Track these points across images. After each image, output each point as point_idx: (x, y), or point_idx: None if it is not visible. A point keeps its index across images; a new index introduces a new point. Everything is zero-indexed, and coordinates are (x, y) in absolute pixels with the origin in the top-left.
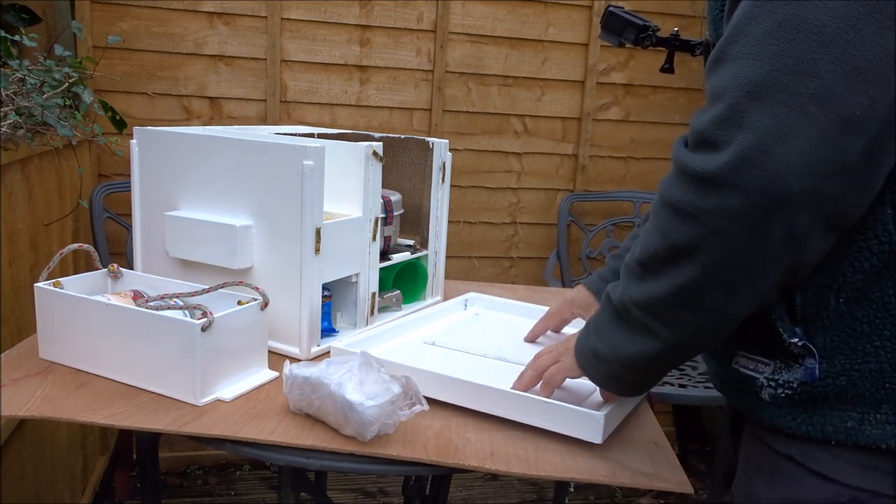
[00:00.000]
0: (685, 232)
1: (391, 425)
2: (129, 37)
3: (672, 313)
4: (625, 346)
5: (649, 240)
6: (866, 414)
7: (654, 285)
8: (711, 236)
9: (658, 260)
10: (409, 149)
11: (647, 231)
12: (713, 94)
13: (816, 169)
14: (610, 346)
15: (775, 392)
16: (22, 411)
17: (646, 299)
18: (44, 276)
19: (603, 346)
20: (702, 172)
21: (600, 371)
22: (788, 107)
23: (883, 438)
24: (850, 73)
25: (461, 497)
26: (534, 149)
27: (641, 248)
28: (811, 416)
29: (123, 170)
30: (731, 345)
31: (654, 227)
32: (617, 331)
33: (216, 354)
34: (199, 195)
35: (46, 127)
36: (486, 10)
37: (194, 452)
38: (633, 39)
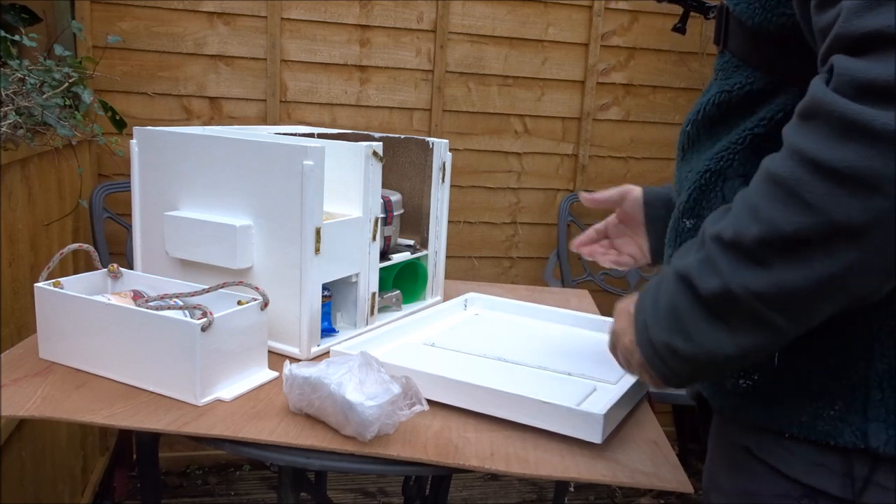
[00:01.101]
0: (856, 206)
1: (391, 425)
2: (129, 37)
3: (810, 306)
4: (724, 347)
5: (780, 213)
6: (820, 409)
7: (790, 274)
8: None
9: (799, 241)
10: (409, 149)
11: (764, 200)
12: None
13: None
14: (699, 346)
15: (736, 381)
16: (22, 411)
17: (774, 292)
18: (44, 276)
19: (688, 346)
20: (888, 129)
21: (681, 372)
22: None
23: (833, 435)
24: None
25: (461, 497)
26: (534, 149)
27: (764, 224)
28: (768, 408)
29: (123, 170)
30: None
31: (789, 195)
32: (709, 329)
33: (216, 354)
34: (199, 195)
35: (46, 127)
36: (486, 10)
37: (194, 452)
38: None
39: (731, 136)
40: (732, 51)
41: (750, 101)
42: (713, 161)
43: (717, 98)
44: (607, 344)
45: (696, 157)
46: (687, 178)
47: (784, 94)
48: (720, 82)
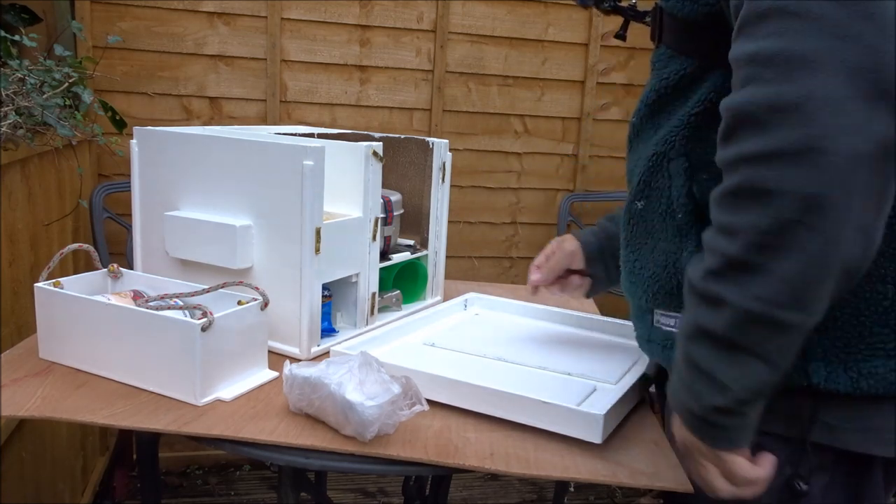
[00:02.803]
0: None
1: (391, 425)
2: (129, 37)
3: (816, 289)
4: (763, 374)
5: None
6: None
7: (787, 265)
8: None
9: (781, 229)
10: (409, 149)
11: (728, 219)
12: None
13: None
14: (737, 387)
15: None
16: (22, 411)
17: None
18: (44, 276)
19: (721, 397)
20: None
21: (734, 426)
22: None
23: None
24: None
25: (461, 497)
26: (534, 149)
27: (740, 234)
28: None
29: (123, 170)
30: (649, 305)
31: (749, 199)
32: (734, 366)
33: (216, 354)
34: (199, 195)
35: (46, 127)
36: (486, 10)
37: (194, 452)
38: (593, 1)
39: (672, 122)
40: (667, 43)
41: (685, 86)
42: (659, 145)
43: (657, 86)
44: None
45: (643, 145)
46: (637, 164)
47: (713, 76)
48: (657, 72)
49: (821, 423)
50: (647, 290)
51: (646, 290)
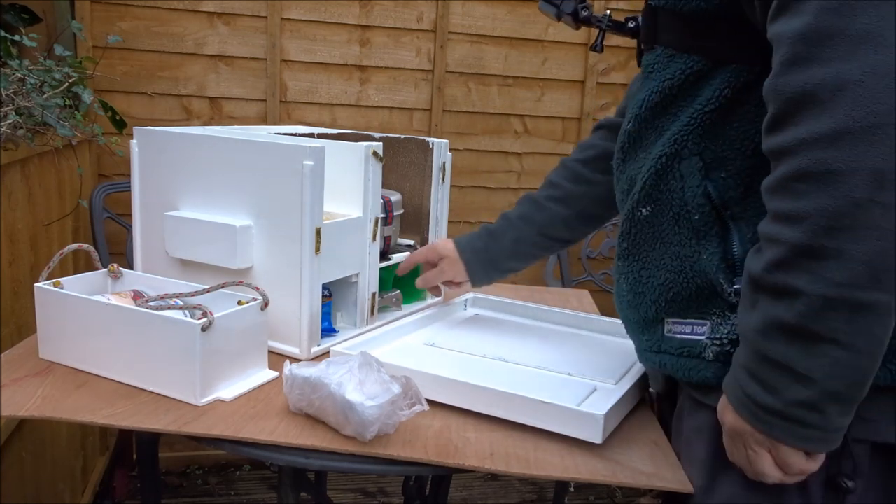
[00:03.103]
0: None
1: (391, 425)
2: (129, 37)
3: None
4: (852, 362)
5: (813, 201)
6: None
7: (862, 246)
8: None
9: (851, 210)
10: (409, 149)
11: (788, 206)
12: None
13: None
14: (823, 377)
15: (721, 349)
16: (22, 411)
17: (859, 272)
18: (44, 276)
19: (811, 388)
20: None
21: (824, 420)
22: None
23: None
24: None
25: (461, 497)
26: (534, 149)
27: (806, 220)
28: None
29: (123, 170)
30: (659, 314)
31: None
32: (816, 357)
33: (216, 354)
34: (199, 195)
35: (46, 127)
36: (486, 10)
37: (194, 452)
38: (571, 10)
39: (680, 121)
40: (665, 43)
41: (692, 85)
42: (667, 146)
43: (660, 87)
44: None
45: (643, 151)
46: (639, 170)
47: (724, 72)
48: (659, 74)
49: (859, 419)
50: (657, 299)
51: (656, 300)
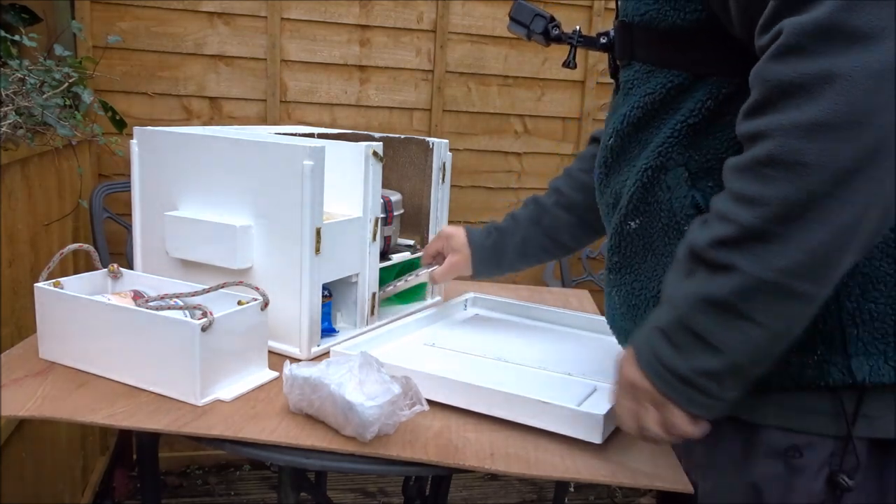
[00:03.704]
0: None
1: (391, 425)
2: (129, 37)
3: (834, 260)
4: (750, 344)
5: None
6: (805, 357)
7: (811, 235)
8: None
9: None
10: (409, 149)
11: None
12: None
13: None
14: (732, 353)
15: None
16: (22, 411)
17: (800, 259)
18: (44, 276)
19: (719, 359)
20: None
21: (721, 390)
22: None
23: (821, 377)
24: None
25: (461, 497)
26: (534, 149)
27: (765, 205)
28: None
29: (123, 170)
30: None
31: (781, 171)
32: (733, 332)
33: (216, 354)
34: (199, 195)
35: (46, 127)
36: (486, 10)
37: (194, 452)
38: (541, 30)
39: (664, 133)
40: (643, 59)
41: (673, 98)
42: (652, 158)
43: (641, 102)
44: (622, 420)
45: (627, 165)
46: (623, 184)
47: (706, 84)
48: (639, 89)
49: (861, 416)
50: (653, 310)
51: (652, 311)
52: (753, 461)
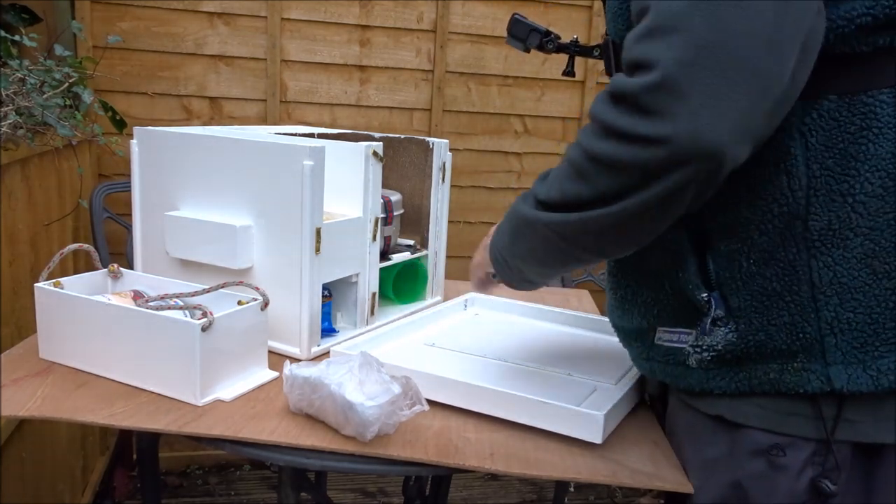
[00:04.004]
0: (613, 183)
1: (391, 425)
2: (129, 37)
3: (580, 236)
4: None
5: (570, 186)
6: (785, 364)
7: (569, 216)
8: (638, 189)
9: (579, 202)
10: (409, 149)
11: (564, 178)
12: (639, 63)
13: (743, 131)
14: (514, 255)
15: (701, 356)
16: (22, 411)
17: (558, 223)
18: (44, 276)
19: (509, 253)
20: (635, 134)
21: (506, 272)
22: (717, 74)
23: (800, 384)
24: (765, 42)
25: (461, 497)
26: (534, 149)
27: (560, 192)
28: (737, 373)
29: (123, 170)
30: (651, 324)
31: (576, 176)
32: (519, 242)
33: (216, 354)
34: (199, 195)
35: (46, 127)
36: (486, 10)
37: (194, 452)
38: (537, 44)
39: None
40: None
41: None
42: None
43: None
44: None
45: None
46: None
47: None
48: None
49: (843, 420)
50: (646, 313)
51: (645, 315)
52: (738, 459)
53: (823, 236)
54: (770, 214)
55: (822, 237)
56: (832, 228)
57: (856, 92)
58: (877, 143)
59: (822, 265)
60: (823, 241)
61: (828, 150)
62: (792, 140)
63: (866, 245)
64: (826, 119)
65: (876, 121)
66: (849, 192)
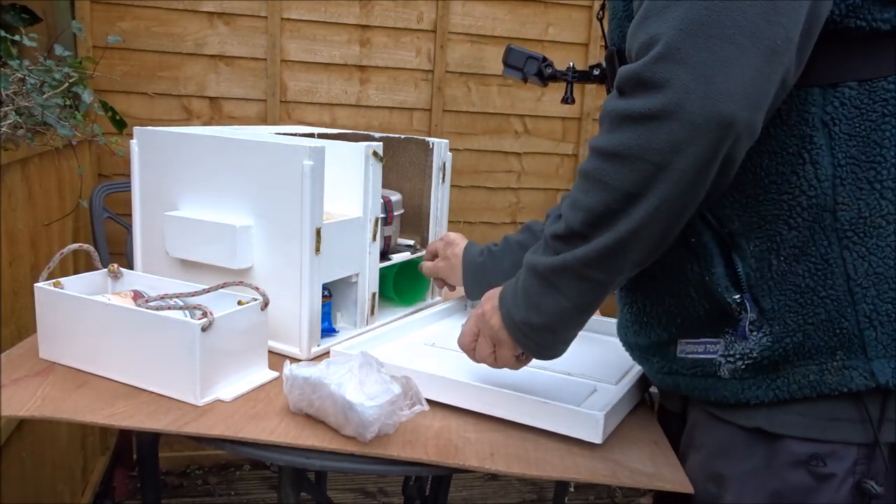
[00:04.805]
0: (634, 175)
1: (391, 425)
2: (129, 37)
3: (620, 259)
4: (559, 311)
5: (591, 199)
6: (824, 364)
7: (604, 239)
8: (663, 172)
9: (607, 213)
10: (409, 149)
11: (581, 196)
12: (644, 46)
13: (752, 97)
14: (545, 315)
15: (735, 366)
16: (22, 411)
17: (594, 255)
18: (44, 276)
19: (538, 317)
20: (646, 111)
21: (540, 341)
22: (721, 39)
23: (843, 383)
24: (767, 6)
25: (461, 497)
26: (534, 149)
27: (583, 212)
28: (774, 380)
29: (123, 170)
30: (672, 336)
31: (594, 184)
32: (549, 299)
33: (216, 354)
34: (199, 195)
35: (46, 127)
36: (486, 10)
37: (194, 452)
38: (535, 72)
39: None
40: None
41: None
42: None
43: None
44: (460, 337)
45: None
46: None
47: None
48: None
49: (887, 420)
50: (668, 324)
51: (666, 326)
52: (776, 471)
53: (855, 226)
54: (798, 208)
55: (854, 227)
56: (862, 217)
57: (876, 78)
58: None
59: (855, 256)
60: (855, 231)
61: (851, 138)
62: (815, 130)
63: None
64: (848, 107)
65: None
66: (876, 178)
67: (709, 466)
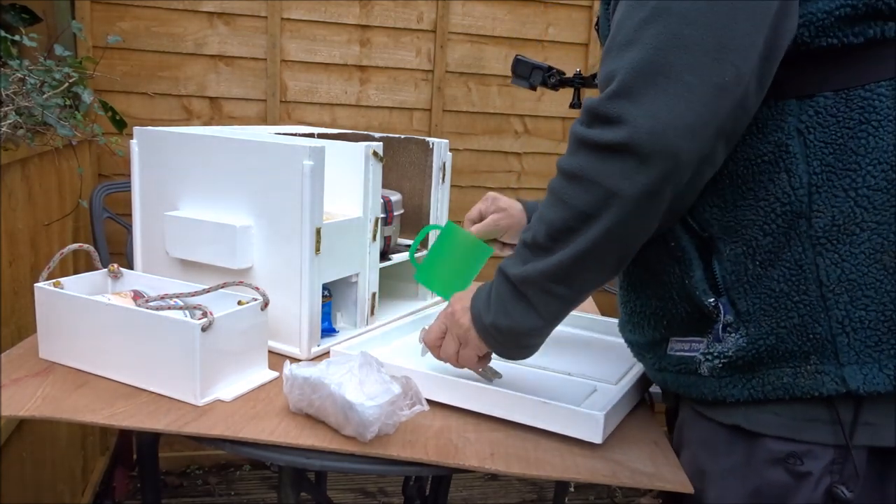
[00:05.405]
0: (589, 197)
1: (391, 425)
2: (129, 37)
3: (578, 276)
4: (527, 320)
5: (553, 214)
6: (798, 367)
7: (562, 254)
8: (613, 198)
9: (565, 229)
10: (409, 149)
11: (546, 210)
12: (605, 80)
13: (699, 131)
14: (513, 321)
15: (713, 364)
16: (22, 411)
17: (554, 268)
18: (44, 276)
19: (506, 321)
20: (601, 142)
21: (506, 344)
22: (669, 78)
23: (815, 387)
24: (717, 45)
25: (461, 497)
26: (534, 149)
27: (546, 225)
28: (750, 380)
29: (123, 170)
30: (663, 335)
31: (556, 201)
32: (518, 306)
33: (216, 354)
34: (199, 195)
35: (46, 127)
36: (486, 10)
37: (194, 452)
38: (541, 80)
39: None
40: None
41: None
42: None
43: None
44: (426, 333)
45: None
46: None
47: None
48: None
49: (861, 424)
50: (657, 323)
51: (656, 326)
52: (755, 469)
53: (828, 233)
54: (773, 214)
55: (827, 234)
56: (836, 224)
57: (852, 87)
58: (877, 137)
59: (828, 262)
60: (829, 238)
61: (827, 146)
62: (790, 138)
63: (874, 240)
64: (823, 115)
65: (875, 114)
66: (851, 186)
67: (694, 463)
